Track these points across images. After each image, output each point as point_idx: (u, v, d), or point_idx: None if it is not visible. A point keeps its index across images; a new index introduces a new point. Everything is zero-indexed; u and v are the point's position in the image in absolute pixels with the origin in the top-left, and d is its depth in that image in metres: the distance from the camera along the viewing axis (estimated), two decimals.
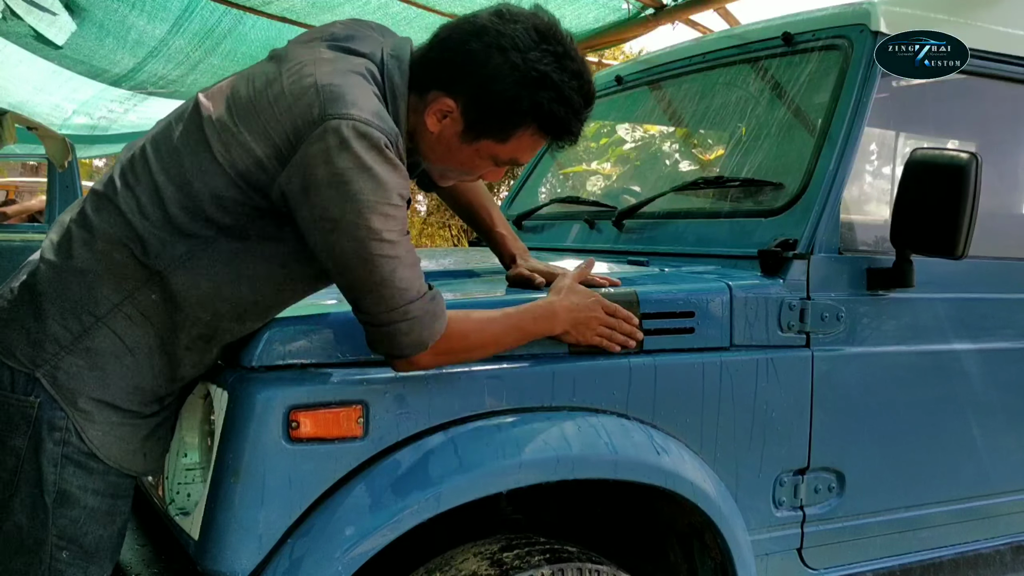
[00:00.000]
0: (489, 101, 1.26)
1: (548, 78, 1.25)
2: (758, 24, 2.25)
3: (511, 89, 1.24)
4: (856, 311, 1.76)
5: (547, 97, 1.25)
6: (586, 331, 1.45)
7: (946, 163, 1.63)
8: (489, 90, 1.25)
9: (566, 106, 1.27)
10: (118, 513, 1.30)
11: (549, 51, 1.25)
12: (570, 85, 1.27)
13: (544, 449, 1.39)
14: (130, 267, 1.24)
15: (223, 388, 1.32)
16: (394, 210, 1.19)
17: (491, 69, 1.24)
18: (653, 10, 4.12)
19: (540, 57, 1.24)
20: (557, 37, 1.28)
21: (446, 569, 1.41)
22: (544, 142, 1.34)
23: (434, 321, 1.25)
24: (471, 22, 1.28)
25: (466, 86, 1.27)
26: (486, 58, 1.24)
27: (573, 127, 1.31)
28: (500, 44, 1.24)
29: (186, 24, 4.81)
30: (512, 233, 1.76)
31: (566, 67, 1.27)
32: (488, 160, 1.36)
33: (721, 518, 1.56)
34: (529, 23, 1.27)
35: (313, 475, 1.28)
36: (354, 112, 1.18)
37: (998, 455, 1.99)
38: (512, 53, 1.24)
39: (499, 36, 1.24)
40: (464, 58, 1.26)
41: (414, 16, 4.51)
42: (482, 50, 1.24)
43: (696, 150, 2.56)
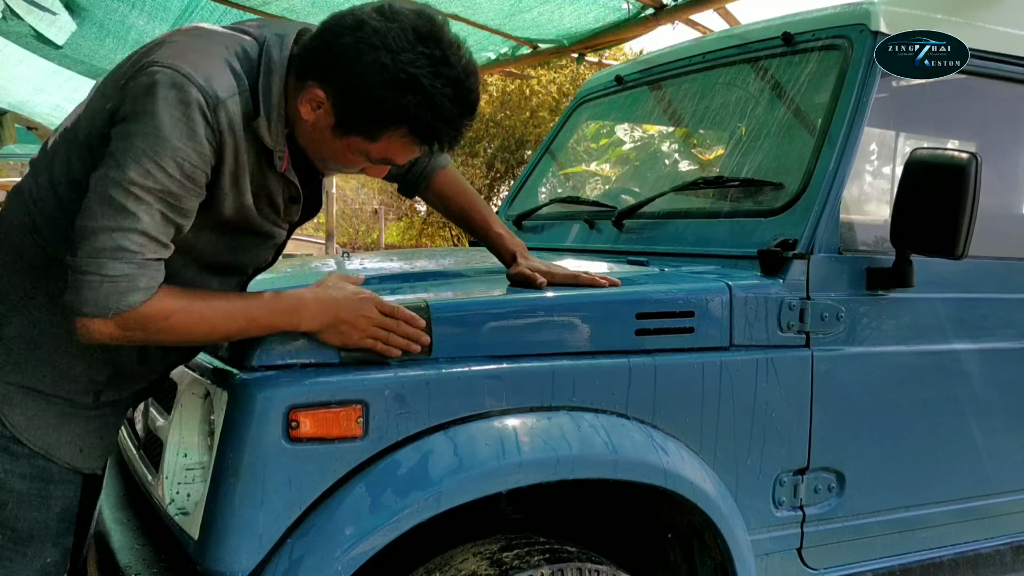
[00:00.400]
0: (356, 99, 1.22)
1: (417, 82, 1.19)
2: (758, 24, 2.25)
3: (377, 89, 1.20)
4: (856, 311, 1.76)
5: (414, 101, 1.20)
6: (352, 332, 1.32)
7: (946, 163, 1.63)
8: (356, 88, 1.21)
9: (435, 112, 1.22)
10: (53, 498, 1.30)
11: (425, 54, 1.20)
12: (443, 92, 1.21)
13: (544, 449, 1.39)
14: (34, 254, 1.25)
15: (223, 388, 1.32)
16: (158, 170, 1.14)
17: (360, 67, 1.20)
18: (653, 10, 4.11)
19: (413, 59, 1.19)
20: (437, 40, 1.22)
21: (446, 569, 1.41)
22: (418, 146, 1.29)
23: (130, 292, 1.16)
24: (353, 15, 1.23)
25: (336, 81, 1.22)
26: (356, 55, 1.20)
27: (443, 135, 1.26)
28: (371, 42, 1.19)
29: (186, 24, 4.81)
30: (509, 232, 1.74)
31: (441, 72, 1.21)
32: (360, 156, 1.31)
33: (721, 518, 1.56)
34: (409, 23, 1.21)
35: (313, 475, 1.29)
36: (178, 63, 1.17)
37: (998, 455, 1.99)
38: (382, 52, 1.18)
39: (374, 33, 1.19)
40: (336, 52, 1.22)
41: None
42: (353, 46, 1.20)
43: (696, 150, 2.56)
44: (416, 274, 1.93)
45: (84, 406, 1.32)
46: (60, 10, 4.65)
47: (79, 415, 1.32)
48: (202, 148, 1.18)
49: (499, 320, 1.46)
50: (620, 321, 1.53)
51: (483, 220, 1.74)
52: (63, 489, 1.32)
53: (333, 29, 1.24)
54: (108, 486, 1.79)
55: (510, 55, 5.20)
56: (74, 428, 1.32)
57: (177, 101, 1.15)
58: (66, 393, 1.30)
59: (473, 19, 4.49)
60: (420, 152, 1.31)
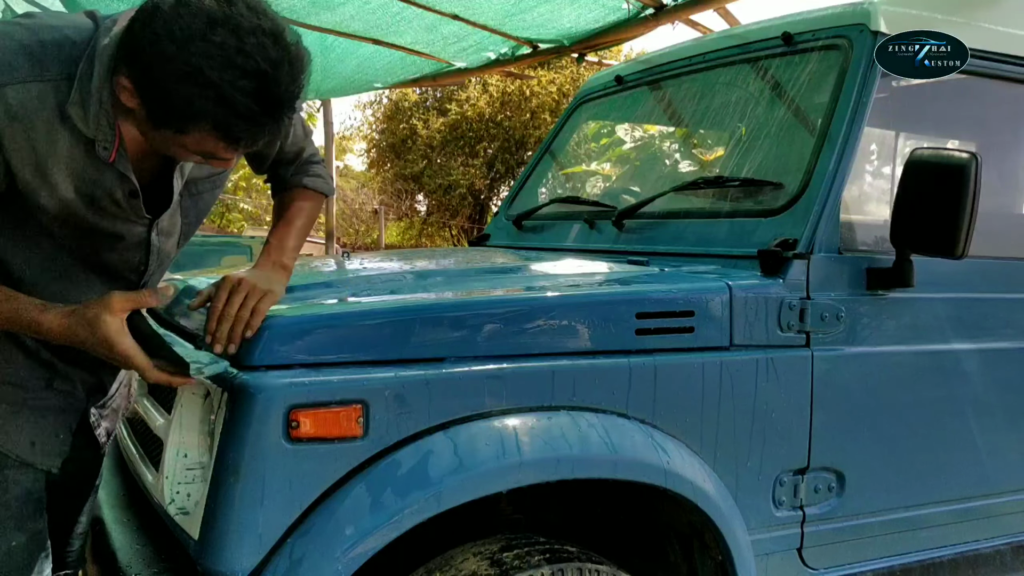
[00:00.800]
0: (150, 92, 1.13)
1: (203, 75, 1.08)
2: (758, 24, 2.26)
3: (163, 82, 1.10)
4: (856, 311, 1.76)
5: (200, 95, 1.09)
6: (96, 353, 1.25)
7: (946, 163, 1.63)
8: (149, 80, 1.12)
9: (227, 108, 1.11)
10: (10, 482, 1.30)
11: (216, 43, 1.08)
12: (236, 84, 1.09)
13: (544, 449, 1.39)
14: None
15: (223, 388, 1.32)
16: None
17: (147, 56, 1.10)
18: (653, 10, 4.11)
19: (202, 49, 1.07)
20: (234, 27, 1.09)
21: (446, 569, 1.41)
22: (227, 144, 1.18)
23: None
24: (153, 2, 1.12)
25: (134, 71, 1.13)
26: (146, 44, 1.10)
27: (239, 132, 1.14)
28: (158, 30, 1.08)
29: None
30: (279, 254, 1.50)
31: (235, 63, 1.08)
32: (181, 148, 1.20)
33: (721, 518, 1.56)
34: (202, 8, 1.09)
35: (313, 475, 1.28)
36: None
37: (998, 455, 1.99)
38: (166, 42, 1.08)
39: (163, 22, 1.09)
40: (133, 40, 1.12)
41: (414, 16, 4.50)
42: (141, 34, 1.10)
43: (696, 150, 2.56)
44: (414, 274, 1.94)
45: (36, 390, 1.32)
46: (60, 10, 4.65)
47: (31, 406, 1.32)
48: None
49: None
50: (620, 321, 1.53)
51: (277, 217, 1.59)
52: (21, 473, 1.32)
53: (136, 15, 1.14)
54: (108, 486, 1.79)
55: (510, 55, 5.20)
56: (24, 422, 1.31)
57: None
58: (14, 379, 1.30)
59: (473, 19, 4.49)
60: (240, 151, 1.21)
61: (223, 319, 1.30)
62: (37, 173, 1.20)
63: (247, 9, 1.11)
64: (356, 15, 4.52)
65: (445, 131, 18.72)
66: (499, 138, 18.20)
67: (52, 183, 1.21)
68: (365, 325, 1.35)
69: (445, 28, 4.68)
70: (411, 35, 4.87)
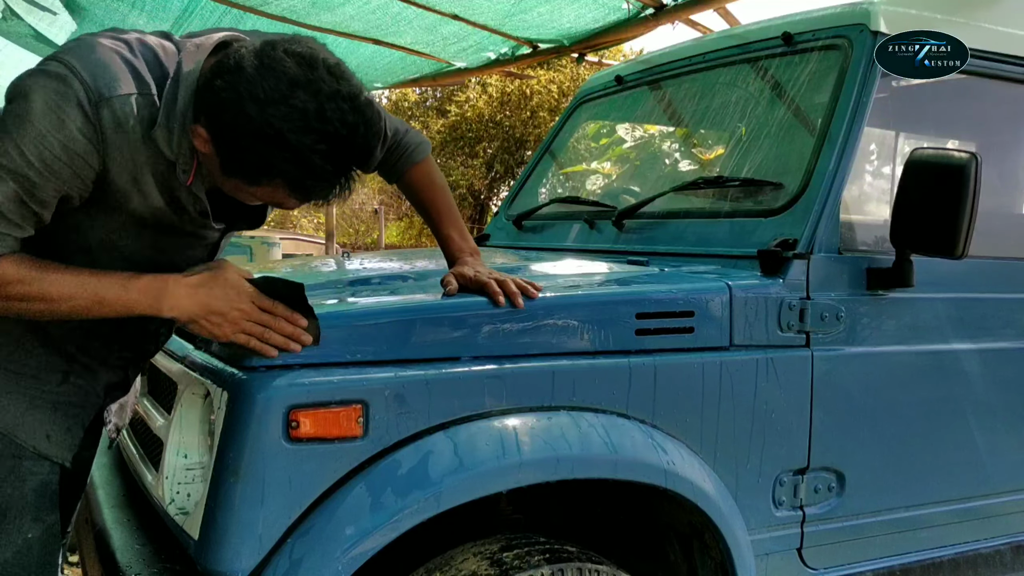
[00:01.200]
0: (227, 147, 1.17)
1: (283, 138, 1.11)
2: (758, 24, 2.26)
3: (245, 141, 1.13)
4: (856, 311, 1.76)
5: (279, 157, 1.13)
6: (224, 324, 1.27)
7: (946, 163, 1.63)
8: (227, 136, 1.16)
9: (304, 170, 1.15)
10: (28, 473, 1.31)
11: (297, 107, 1.11)
12: (314, 148, 1.13)
13: (544, 449, 1.39)
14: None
15: (223, 388, 1.32)
16: (16, 152, 1.12)
17: (229, 116, 1.13)
18: (653, 10, 4.11)
19: (284, 113, 1.11)
20: (315, 91, 1.12)
21: (446, 569, 1.41)
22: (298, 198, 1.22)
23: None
24: (236, 56, 1.16)
25: (212, 124, 1.17)
26: (227, 101, 1.13)
27: (311, 189, 1.19)
28: (241, 90, 1.12)
29: (186, 24, 4.80)
30: (462, 234, 1.66)
31: (314, 128, 1.12)
32: (249, 195, 1.25)
33: (721, 518, 1.56)
34: (286, 70, 1.12)
35: (313, 475, 1.28)
36: (69, 58, 1.16)
37: (998, 455, 1.99)
38: (249, 103, 1.11)
39: (246, 82, 1.12)
40: (213, 95, 1.15)
41: (414, 16, 4.50)
42: (225, 90, 1.13)
43: (696, 150, 2.56)
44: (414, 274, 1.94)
45: (52, 383, 1.33)
46: (60, 10, 4.66)
47: (47, 400, 1.33)
48: (71, 142, 1.15)
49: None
50: (620, 321, 1.53)
51: (438, 219, 1.68)
52: (38, 465, 1.32)
53: (216, 68, 1.18)
54: (108, 486, 1.79)
55: (510, 55, 5.20)
56: (41, 415, 1.32)
57: (54, 91, 1.14)
58: (32, 370, 1.31)
59: (473, 19, 4.49)
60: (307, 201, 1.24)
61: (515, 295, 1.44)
62: (132, 181, 1.24)
63: (327, 73, 1.15)
64: (356, 15, 4.52)
65: (445, 131, 18.72)
66: (499, 138, 18.20)
67: (144, 191, 1.26)
68: (365, 325, 1.35)
69: (445, 28, 4.69)
70: (411, 35, 4.88)
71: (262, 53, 1.15)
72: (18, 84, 1.16)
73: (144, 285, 1.24)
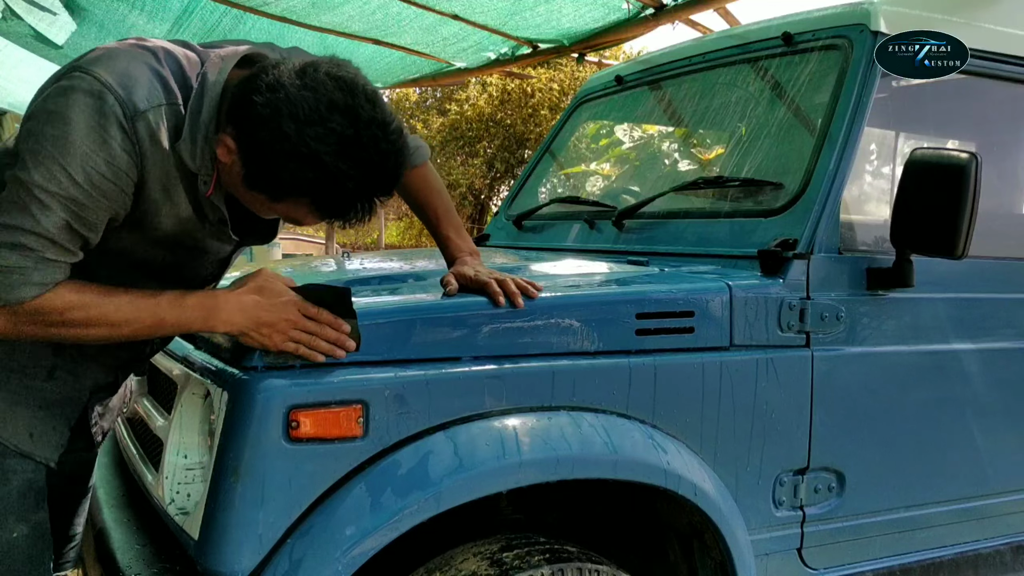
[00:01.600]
0: (259, 161, 1.17)
1: (318, 159, 1.12)
2: (758, 24, 2.26)
3: (279, 157, 1.14)
4: (856, 311, 1.76)
5: (313, 178, 1.14)
6: (273, 335, 1.29)
7: (946, 163, 1.63)
8: (260, 150, 1.15)
9: (335, 193, 1.16)
10: (11, 472, 1.31)
11: (335, 131, 1.12)
12: (347, 173, 1.14)
13: (544, 449, 1.39)
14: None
15: (223, 388, 1.32)
16: (63, 175, 1.12)
17: (266, 131, 1.13)
18: (653, 10, 4.11)
19: (321, 134, 1.12)
20: (353, 116, 1.14)
21: (446, 569, 1.41)
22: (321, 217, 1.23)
23: (22, 285, 1.15)
24: (274, 72, 1.16)
25: (244, 137, 1.17)
26: (266, 117, 1.13)
27: (345, 214, 1.21)
28: (280, 108, 1.12)
29: (186, 24, 4.80)
30: (460, 235, 1.67)
31: (348, 153, 1.13)
32: (268, 210, 1.26)
33: (721, 518, 1.56)
34: (326, 93, 1.13)
35: (313, 475, 1.28)
36: (98, 71, 1.15)
37: (998, 455, 1.99)
38: (287, 121, 1.12)
39: (286, 100, 1.12)
40: (249, 109, 1.15)
41: (414, 16, 4.50)
42: (263, 106, 1.13)
43: (696, 150, 2.56)
44: (415, 274, 1.94)
45: (38, 379, 1.32)
46: (60, 10, 4.66)
47: (31, 396, 1.32)
48: (114, 160, 1.15)
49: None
50: (620, 321, 1.53)
51: (436, 221, 1.69)
52: (22, 464, 1.32)
53: (253, 83, 1.17)
54: (108, 486, 1.79)
55: (510, 55, 5.20)
56: (24, 412, 1.32)
57: (93, 109, 1.13)
58: (18, 365, 1.30)
59: (473, 19, 4.49)
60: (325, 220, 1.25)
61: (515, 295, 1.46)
62: (164, 191, 1.24)
63: (365, 99, 1.16)
64: (356, 15, 4.52)
65: (445, 131, 18.72)
66: (499, 137, 18.19)
67: (175, 200, 1.26)
68: (365, 325, 1.35)
69: (445, 28, 4.69)
70: (411, 35, 4.87)
71: (304, 73, 1.15)
72: (49, 104, 1.15)
73: (198, 303, 1.27)
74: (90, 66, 1.16)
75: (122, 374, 1.48)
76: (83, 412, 1.41)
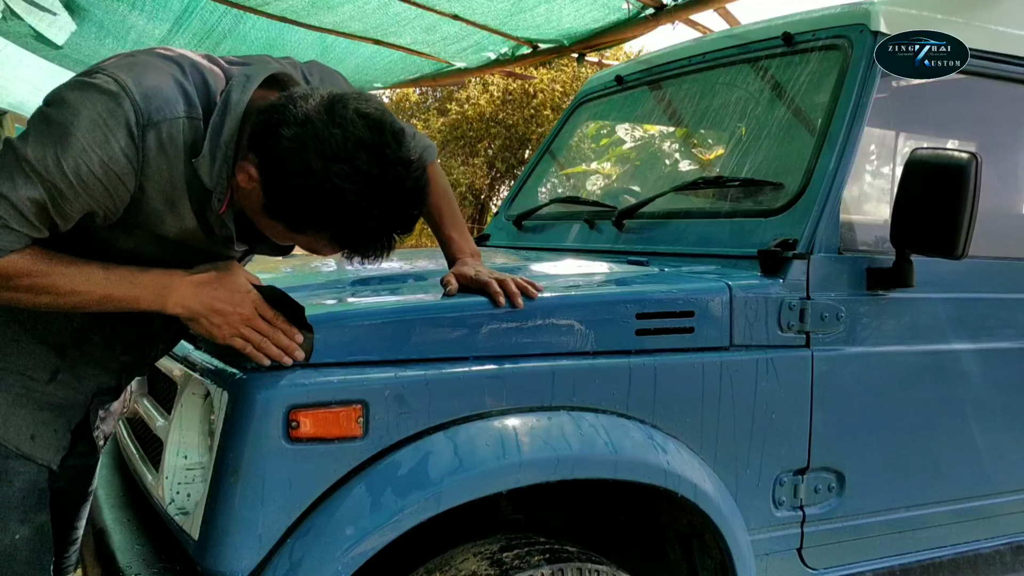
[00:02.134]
0: (282, 192, 1.17)
1: (343, 196, 1.13)
2: (758, 24, 2.26)
3: (303, 192, 1.14)
4: (856, 311, 1.76)
5: (336, 214, 1.15)
6: (223, 326, 1.28)
7: (946, 163, 1.63)
8: (284, 182, 1.16)
9: (357, 230, 1.17)
10: (13, 473, 1.30)
11: (361, 169, 1.13)
12: (370, 212, 1.15)
13: (544, 449, 1.39)
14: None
15: (223, 388, 1.32)
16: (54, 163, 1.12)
17: (292, 164, 1.13)
18: (653, 10, 4.11)
19: (347, 172, 1.12)
20: (380, 156, 1.14)
21: (446, 569, 1.41)
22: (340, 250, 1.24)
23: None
24: (302, 103, 1.16)
25: (269, 167, 1.17)
26: (290, 151, 1.13)
27: (364, 250, 1.22)
28: (307, 143, 1.13)
29: (186, 24, 4.80)
30: (463, 235, 1.67)
31: (373, 192, 1.14)
32: (287, 238, 1.27)
33: (721, 518, 1.56)
34: (354, 131, 1.13)
35: (313, 475, 1.28)
36: (121, 75, 1.15)
37: (998, 455, 1.99)
38: (314, 158, 1.12)
39: (314, 136, 1.13)
40: (275, 140, 1.15)
41: (414, 16, 4.50)
42: (290, 139, 1.13)
43: (696, 150, 2.56)
44: (415, 274, 1.94)
45: (40, 382, 1.32)
46: (60, 10, 4.65)
47: (32, 398, 1.32)
48: (112, 161, 1.15)
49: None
50: (620, 321, 1.53)
51: (441, 221, 1.68)
52: (25, 465, 1.32)
53: (279, 113, 1.17)
54: (108, 486, 1.79)
55: (510, 55, 5.20)
56: (26, 414, 1.31)
57: (104, 107, 1.13)
58: (21, 367, 1.30)
59: (473, 19, 4.49)
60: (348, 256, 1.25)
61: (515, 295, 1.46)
62: (168, 203, 1.24)
63: (392, 138, 1.16)
64: (356, 15, 4.52)
65: (446, 131, 18.71)
66: (500, 137, 18.18)
67: (179, 213, 1.26)
68: (365, 325, 1.35)
69: (445, 28, 4.69)
70: (411, 35, 4.87)
71: (332, 110, 1.15)
72: (65, 93, 1.15)
73: (150, 280, 1.25)
74: (115, 70, 1.17)
75: (125, 378, 1.47)
76: (85, 415, 1.41)
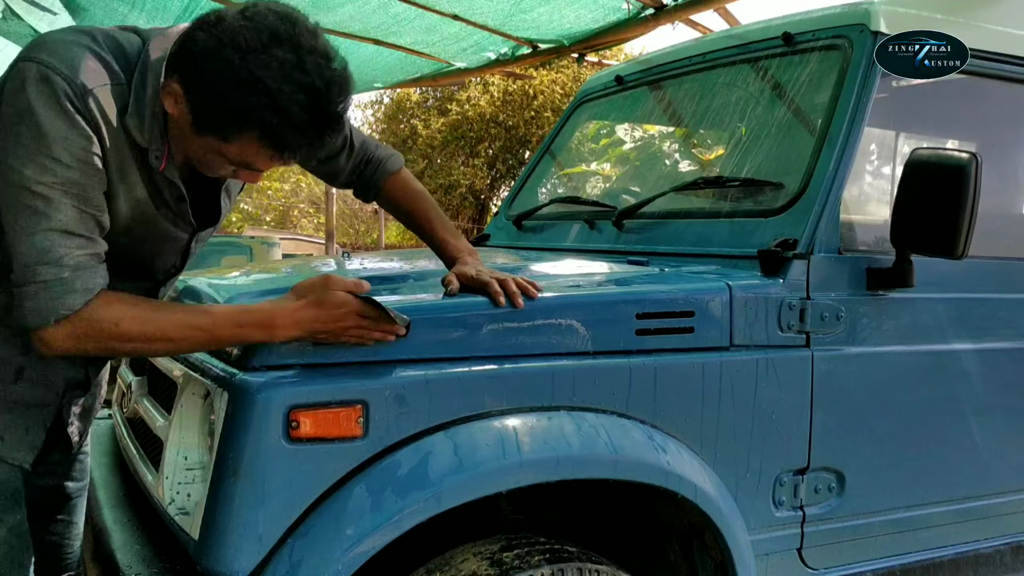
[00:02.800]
0: (204, 96, 1.18)
1: (261, 83, 1.14)
2: (758, 24, 2.26)
3: (223, 87, 1.15)
4: (856, 311, 1.76)
5: (257, 104, 1.15)
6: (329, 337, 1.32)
7: (946, 163, 1.63)
8: (204, 84, 1.17)
9: (281, 117, 1.16)
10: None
11: (277, 57, 1.14)
12: (292, 97, 1.15)
13: (544, 449, 1.39)
14: None
15: (223, 388, 1.32)
16: (53, 163, 1.14)
17: (208, 63, 1.15)
18: (653, 10, 4.12)
19: (264, 61, 1.14)
20: (295, 44, 1.16)
21: (446, 569, 1.41)
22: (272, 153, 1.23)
23: (67, 294, 1.17)
24: (217, 12, 1.20)
25: (189, 76, 1.18)
26: (208, 51, 1.15)
27: (292, 142, 1.21)
28: (223, 39, 1.15)
29: None
30: (456, 236, 1.69)
31: (292, 77, 1.15)
32: (220, 158, 1.26)
33: (721, 518, 1.56)
34: (267, 24, 1.16)
35: (313, 475, 1.29)
36: (44, 57, 1.16)
37: (998, 455, 1.99)
38: (229, 50, 1.14)
39: (227, 31, 1.15)
40: (192, 47, 1.17)
41: (414, 16, 4.50)
42: (205, 41, 1.16)
43: (696, 150, 2.56)
44: (415, 274, 1.94)
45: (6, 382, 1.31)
46: (60, 10, 4.66)
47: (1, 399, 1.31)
48: (84, 135, 1.17)
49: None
50: (620, 321, 1.53)
51: (429, 225, 1.69)
52: None
53: (197, 24, 1.20)
54: (108, 486, 1.79)
55: (510, 55, 5.21)
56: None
57: (48, 95, 1.14)
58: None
59: (473, 19, 4.49)
60: (280, 161, 1.25)
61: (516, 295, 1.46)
62: (119, 171, 1.26)
63: (307, 31, 1.19)
64: (356, 15, 4.52)
65: (446, 131, 18.71)
66: (500, 137, 18.18)
67: (129, 182, 1.27)
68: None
69: (445, 28, 4.69)
70: (411, 35, 4.87)
71: (244, 9, 1.18)
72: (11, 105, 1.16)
73: (254, 318, 1.28)
74: (34, 52, 1.18)
75: (92, 370, 1.46)
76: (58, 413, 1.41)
